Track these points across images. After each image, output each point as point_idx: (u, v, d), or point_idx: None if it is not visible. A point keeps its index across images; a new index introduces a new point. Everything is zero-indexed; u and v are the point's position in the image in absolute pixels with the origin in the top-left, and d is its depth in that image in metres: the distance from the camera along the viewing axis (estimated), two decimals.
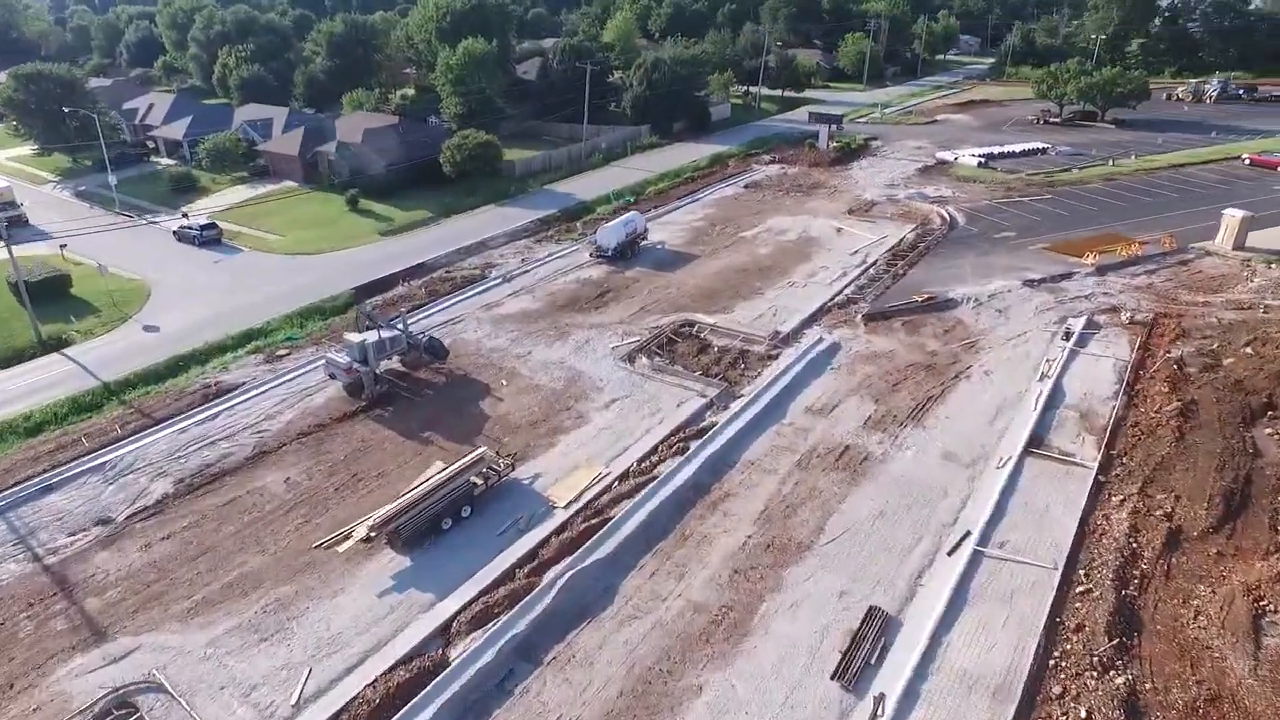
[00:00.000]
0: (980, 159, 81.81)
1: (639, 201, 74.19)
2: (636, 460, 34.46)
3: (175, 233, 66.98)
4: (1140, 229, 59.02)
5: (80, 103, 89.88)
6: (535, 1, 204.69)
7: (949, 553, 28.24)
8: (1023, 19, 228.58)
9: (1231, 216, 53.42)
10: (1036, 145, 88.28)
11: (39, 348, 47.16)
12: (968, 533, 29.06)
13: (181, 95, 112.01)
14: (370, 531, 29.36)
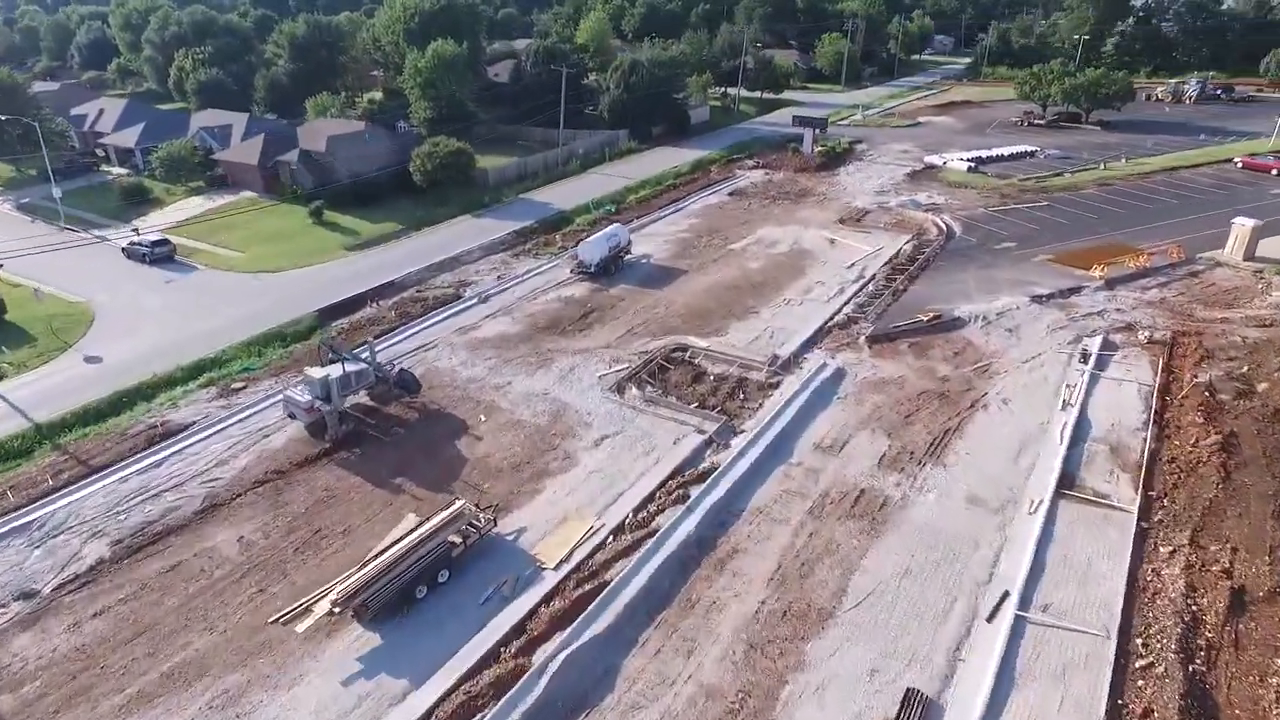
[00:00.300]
0: (970, 164, 79.54)
1: (620, 211, 70.83)
2: (632, 510, 31.14)
3: (124, 250, 62.46)
4: (1143, 238, 56.82)
5: (22, 109, 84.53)
6: (506, 1, 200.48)
7: (988, 618, 25.25)
8: (995, 18, 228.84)
9: (1241, 226, 51.31)
10: (1025, 148, 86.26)
11: None
12: (1006, 593, 26.11)
13: (134, 100, 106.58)
14: (334, 607, 25.76)
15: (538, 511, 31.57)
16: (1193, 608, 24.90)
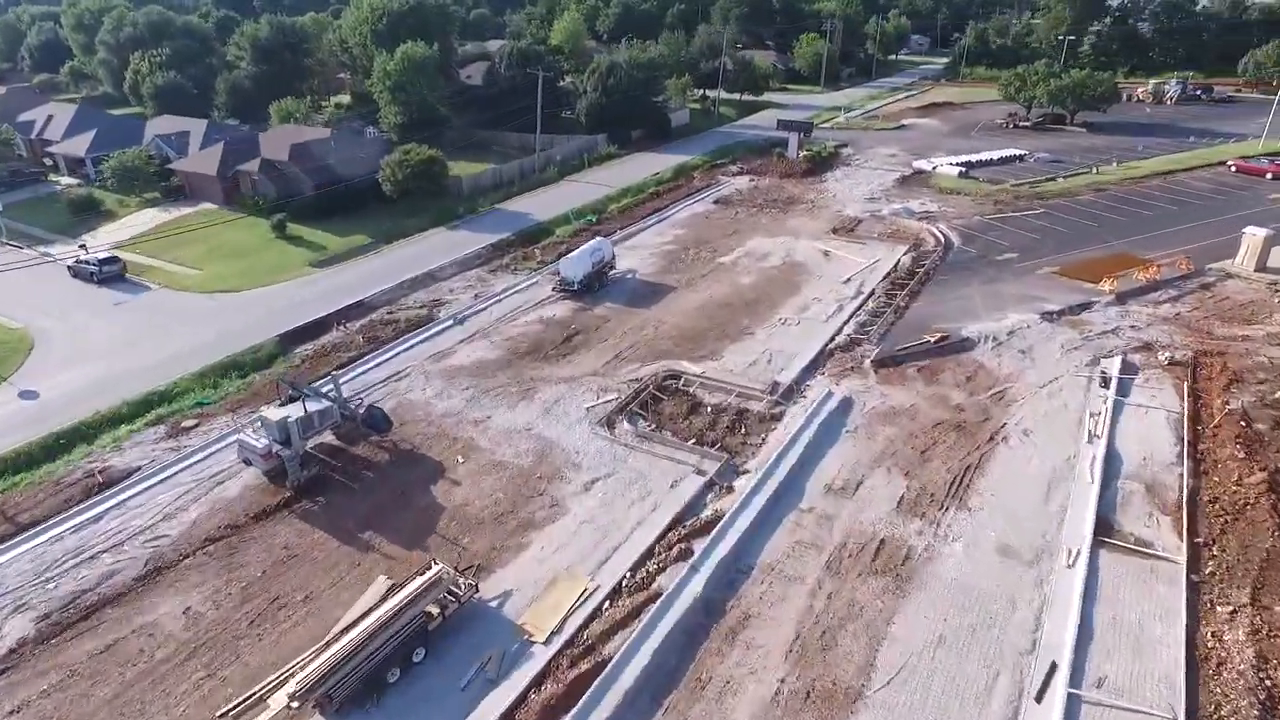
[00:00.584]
0: (960, 169, 77.31)
1: (601, 221, 67.61)
2: (629, 569, 27.98)
3: (70, 268, 58.14)
4: (1148, 247, 54.72)
5: None
6: (478, 1, 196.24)
7: (1036, 698, 22.43)
8: (970, 19, 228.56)
9: (1253, 236, 49.28)
10: (1014, 152, 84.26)
11: None
12: (1054, 665, 23.31)
13: (85, 106, 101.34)
14: (293, 700, 22.36)
15: (524, 571, 28.31)
16: (1266, 682, 22.24)
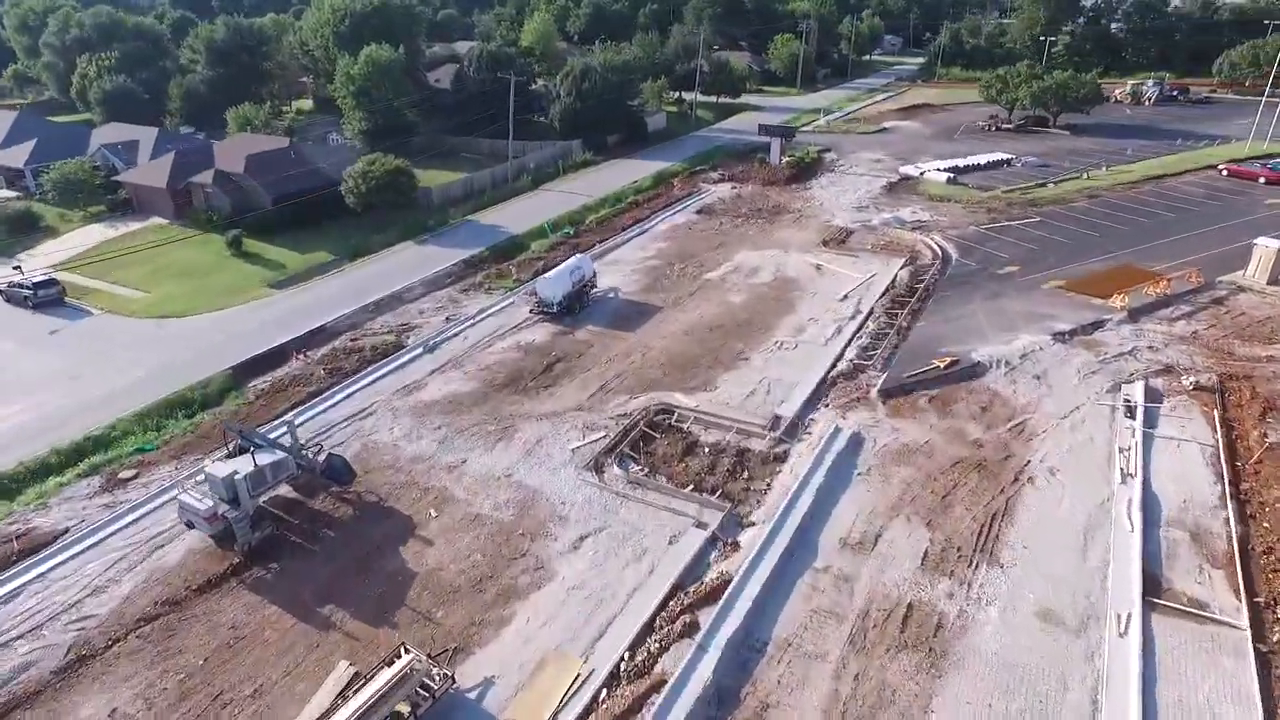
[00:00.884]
0: (948, 174, 74.95)
1: (579, 233, 64.16)
2: (628, 648, 24.63)
3: (3, 292, 53.51)
4: (1151, 257, 52.53)
5: None
6: (445, 1, 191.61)
7: None
8: (941, 19, 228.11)
9: (1265, 248, 47.18)
10: (1001, 156, 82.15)
11: None
12: None
13: (26, 113, 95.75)
14: None
15: (507, 651, 24.85)
16: None
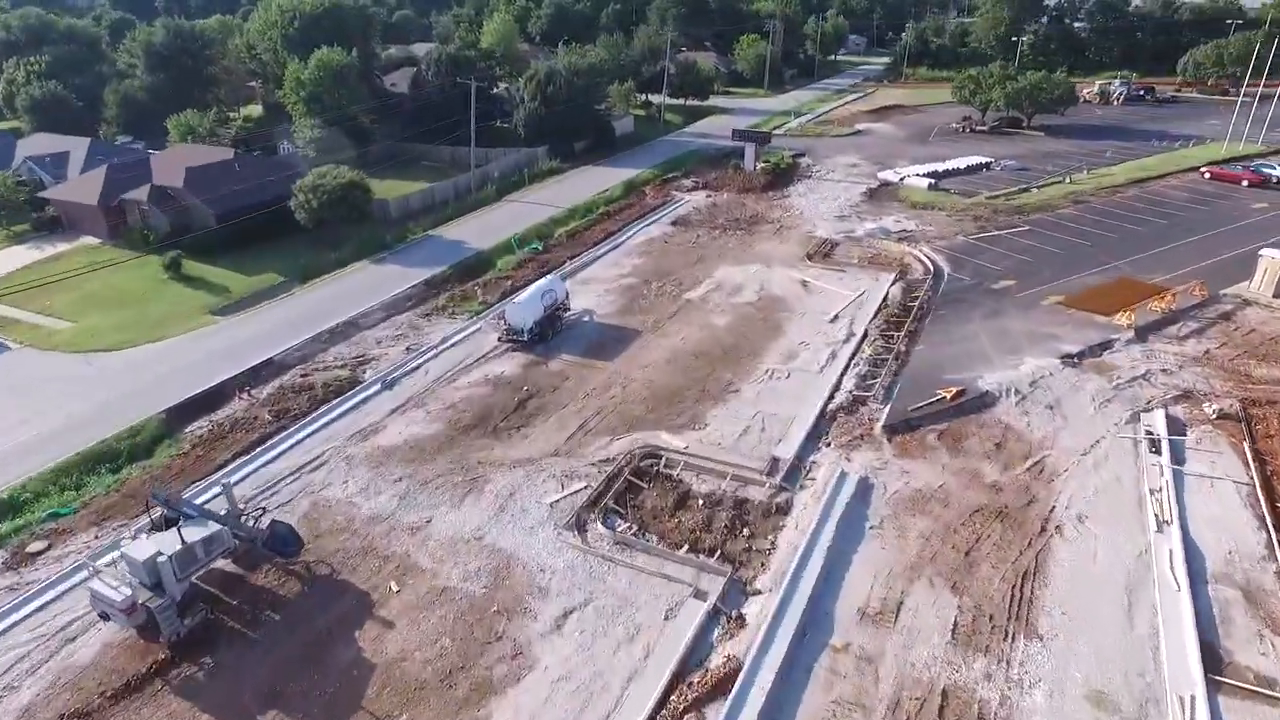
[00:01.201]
0: (929, 180, 72.55)
1: (548, 249, 60.40)
2: None
3: None
4: (1148, 268, 50.42)
5: None
6: (401, 2, 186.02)
7: None
8: (904, 18, 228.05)
9: (1271, 259, 45.16)
10: (980, 160, 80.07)
11: None
12: None
13: None
14: None
15: None
16: None
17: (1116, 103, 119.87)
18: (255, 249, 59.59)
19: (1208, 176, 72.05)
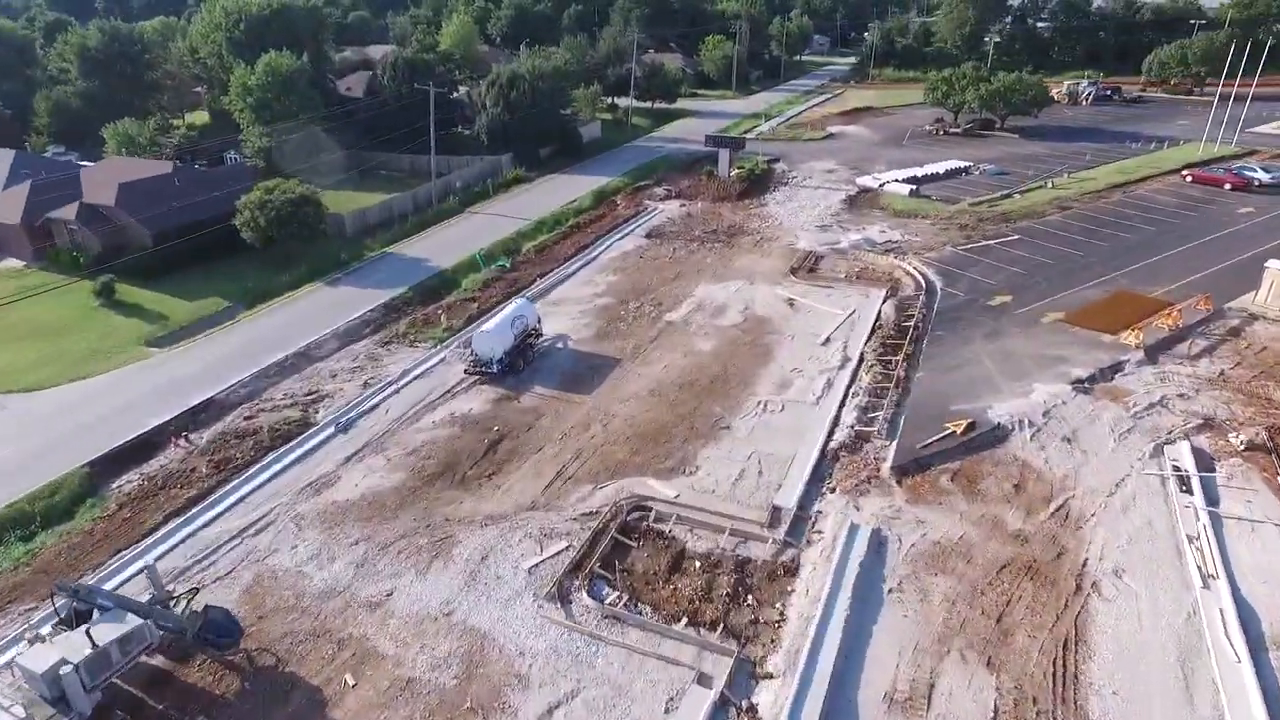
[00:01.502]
0: (910, 186, 70.23)
1: (516, 265, 56.73)
2: None
3: None
4: (1145, 280, 48.37)
5: None
6: (356, 2, 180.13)
7: None
8: (865, 18, 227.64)
9: (1277, 272, 43.22)
10: (958, 164, 78.09)
11: None
12: None
13: None
14: None
15: None
16: None
17: (1085, 103, 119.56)
18: (198, 270, 55.03)
19: (1189, 180, 70.76)
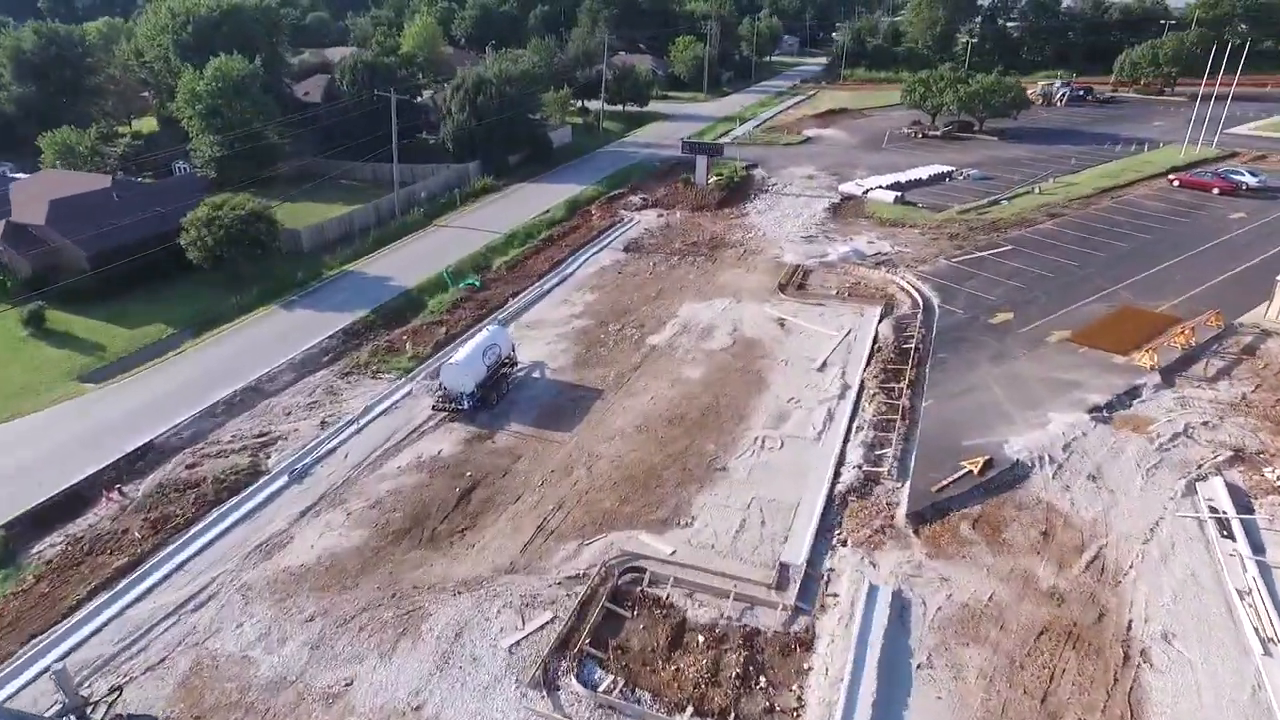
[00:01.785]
0: (894, 193, 67.88)
1: (487, 284, 53.24)
2: None
3: None
4: (1148, 293, 46.33)
5: None
6: (314, 3, 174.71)
7: None
8: (833, 18, 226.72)
9: None
10: (941, 169, 76.03)
11: None
12: None
13: None
14: None
15: None
16: None
17: (1060, 104, 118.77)
18: (140, 294, 50.83)
19: (1177, 184, 69.27)
